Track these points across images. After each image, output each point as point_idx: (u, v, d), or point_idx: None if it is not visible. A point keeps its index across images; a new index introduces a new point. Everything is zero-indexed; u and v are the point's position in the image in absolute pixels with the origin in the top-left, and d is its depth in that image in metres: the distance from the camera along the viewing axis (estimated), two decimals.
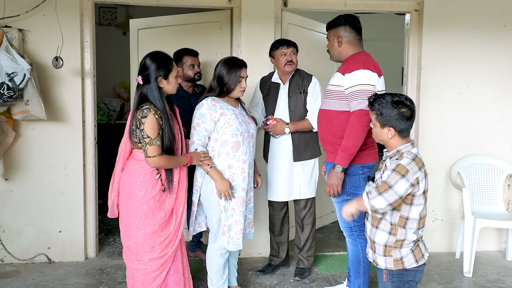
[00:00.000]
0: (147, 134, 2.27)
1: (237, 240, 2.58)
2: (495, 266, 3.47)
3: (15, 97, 2.96)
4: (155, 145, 2.28)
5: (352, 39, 2.65)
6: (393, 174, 1.95)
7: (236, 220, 2.57)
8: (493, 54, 3.65)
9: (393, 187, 1.93)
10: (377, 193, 1.94)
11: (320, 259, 3.53)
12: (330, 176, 2.58)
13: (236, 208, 2.57)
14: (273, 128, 3.01)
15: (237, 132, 2.56)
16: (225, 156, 2.57)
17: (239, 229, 2.57)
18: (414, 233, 2.03)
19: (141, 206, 2.35)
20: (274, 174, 3.12)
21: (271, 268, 3.31)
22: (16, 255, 3.38)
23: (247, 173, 2.62)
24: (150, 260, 2.39)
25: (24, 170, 3.35)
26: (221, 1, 3.51)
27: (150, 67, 2.36)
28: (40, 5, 3.24)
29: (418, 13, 3.68)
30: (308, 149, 3.08)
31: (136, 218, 2.37)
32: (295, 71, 3.11)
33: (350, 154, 2.50)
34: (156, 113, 2.30)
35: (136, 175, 2.36)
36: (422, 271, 2.10)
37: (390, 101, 2.03)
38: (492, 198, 3.58)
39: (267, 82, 3.18)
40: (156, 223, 2.37)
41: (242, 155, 2.59)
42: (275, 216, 3.26)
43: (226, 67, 2.58)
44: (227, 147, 2.56)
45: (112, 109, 5.94)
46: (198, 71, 3.33)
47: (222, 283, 2.69)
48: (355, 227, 2.68)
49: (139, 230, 2.37)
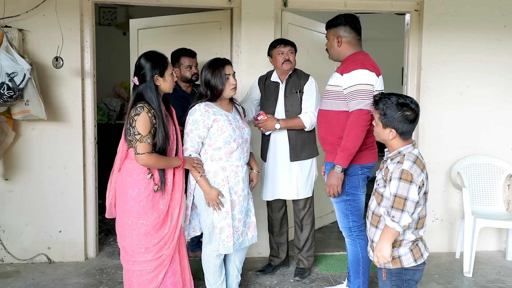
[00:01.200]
0: (138, 131, 2.26)
1: (228, 243, 2.54)
2: (495, 266, 3.47)
3: (15, 97, 2.97)
4: (145, 143, 2.26)
5: (352, 39, 2.64)
6: (402, 183, 1.93)
7: (228, 223, 2.54)
8: (493, 54, 3.65)
9: (408, 197, 1.92)
10: (400, 212, 1.92)
11: (320, 259, 3.53)
12: (330, 177, 2.57)
13: (229, 211, 2.54)
14: (263, 124, 2.99)
15: (230, 139, 2.53)
16: (218, 160, 2.55)
17: (230, 233, 2.54)
18: (413, 233, 2.03)
19: (134, 206, 2.34)
20: (271, 173, 3.12)
21: (271, 268, 3.31)
22: (16, 255, 3.38)
23: (241, 177, 2.60)
24: (145, 262, 2.36)
25: (24, 170, 3.35)
26: (221, 1, 3.51)
27: (145, 66, 2.35)
28: (40, 5, 3.24)
29: (418, 13, 3.68)
30: (305, 149, 3.08)
31: (130, 218, 2.35)
32: (292, 71, 3.10)
33: (350, 154, 2.50)
34: (150, 112, 2.29)
35: (129, 174, 2.35)
36: (422, 270, 2.09)
37: (395, 102, 2.01)
38: (492, 198, 3.58)
39: (266, 81, 3.17)
40: (149, 224, 2.34)
41: (235, 161, 2.58)
42: (274, 217, 3.26)
43: (209, 70, 2.57)
44: (220, 152, 2.54)
45: (112, 109, 5.94)
46: (195, 72, 3.33)
47: (220, 284, 2.68)
48: (354, 227, 2.68)
49: (132, 230, 2.35)
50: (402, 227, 1.94)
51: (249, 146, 2.72)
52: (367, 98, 2.45)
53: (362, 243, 2.68)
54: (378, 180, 2.12)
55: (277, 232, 3.28)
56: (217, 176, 2.54)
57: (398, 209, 1.93)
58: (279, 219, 3.26)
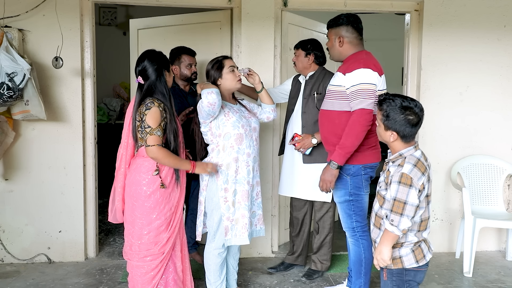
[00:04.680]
0: (148, 124, 2.30)
1: (243, 234, 2.58)
2: (495, 266, 3.47)
3: (15, 97, 2.96)
4: (155, 135, 2.30)
5: (354, 39, 2.63)
6: (401, 187, 1.92)
7: (243, 214, 2.59)
8: (493, 54, 3.65)
9: (408, 202, 1.91)
10: (399, 216, 1.92)
11: None
12: (325, 172, 2.57)
13: (242, 202, 2.59)
14: (301, 144, 2.96)
15: (238, 124, 2.58)
16: (230, 150, 2.58)
17: (245, 223, 2.58)
18: (415, 235, 2.02)
19: (148, 201, 2.36)
20: (287, 169, 3.15)
21: (283, 266, 3.30)
22: (16, 255, 3.38)
23: (251, 166, 2.63)
24: (151, 256, 2.39)
25: (24, 170, 3.35)
26: (221, 1, 3.51)
27: (152, 65, 2.40)
28: (40, 5, 3.24)
29: (418, 13, 3.68)
30: (322, 152, 2.96)
31: (143, 214, 2.38)
32: (317, 71, 3.10)
33: (347, 153, 2.49)
34: (160, 106, 2.33)
35: (145, 172, 2.37)
36: (424, 272, 2.08)
37: (399, 105, 1.98)
38: (492, 198, 3.58)
39: (296, 78, 3.23)
40: (162, 217, 2.39)
41: (246, 148, 2.61)
42: (294, 215, 3.26)
43: (210, 64, 2.70)
44: (230, 140, 2.57)
45: (112, 109, 5.94)
46: (195, 71, 3.33)
47: (220, 283, 2.69)
48: (357, 228, 2.67)
49: (144, 226, 2.39)
50: (401, 231, 1.94)
51: (258, 136, 2.74)
52: (370, 98, 2.44)
53: (365, 243, 2.67)
54: (380, 182, 2.11)
55: (297, 231, 3.27)
56: (229, 168, 2.57)
57: (397, 213, 1.93)
58: (299, 218, 3.25)
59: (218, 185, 2.57)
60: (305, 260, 3.35)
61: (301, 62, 3.10)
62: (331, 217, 3.16)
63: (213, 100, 2.44)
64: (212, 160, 2.59)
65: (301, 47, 3.10)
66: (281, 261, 3.36)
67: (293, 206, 3.28)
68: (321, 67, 3.15)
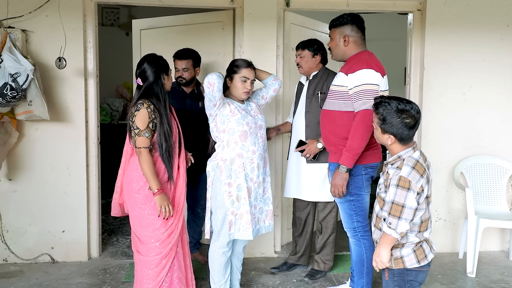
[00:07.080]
0: (137, 125, 2.37)
1: (247, 230, 2.60)
2: (498, 266, 3.46)
3: (18, 97, 2.98)
4: (143, 137, 2.36)
5: (358, 38, 2.63)
6: (399, 191, 1.92)
7: (247, 209, 2.60)
8: (496, 53, 3.64)
9: (406, 205, 1.91)
10: (396, 219, 1.92)
11: None
12: (335, 177, 2.56)
13: (246, 198, 2.60)
14: (307, 150, 2.96)
15: (243, 122, 2.59)
16: (234, 145, 2.59)
17: (249, 219, 2.59)
18: (416, 235, 2.02)
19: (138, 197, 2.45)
20: (291, 171, 3.16)
21: (286, 266, 3.30)
22: (19, 255, 3.39)
23: (256, 163, 2.63)
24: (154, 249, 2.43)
25: (27, 170, 3.36)
26: (224, 1, 3.51)
27: (150, 68, 2.46)
28: (43, 6, 3.25)
29: (421, 13, 3.67)
30: (324, 153, 2.98)
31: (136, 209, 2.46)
32: (320, 71, 3.11)
33: (355, 154, 2.49)
34: (149, 107, 2.39)
35: (134, 169, 2.46)
36: (425, 272, 2.07)
37: (395, 108, 1.97)
38: (495, 198, 3.56)
39: (299, 82, 3.25)
40: (154, 212, 2.42)
41: (251, 146, 2.61)
42: (297, 215, 3.27)
43: (233, 61, 2.71)
44: (234, 136, 2.58)
45: (115, 109, 5.95)
46: (180, 75, 3.22)
47: (224, 282, 2.70)
48: (358, 228, 2.67)
49: (140, 221, 2.45)
50: (399, 234, 1.94)
51: (264, 133, 2.74)
52: (373, 98, 2.44)
53: (366, 243, 2.67)
54: (380, 184, 2.11)
55: (299, 231, 3.27)
56: (233, 163, 2.58)
57: (395, 216, 1.93)
58: (302, 218, 3.25)
59: (222, 180, 2.58)
60: (308, 260, 3.35)
61: (307, 62, 3.10)
62: (334, 217, 3.16)
63: (212, 81, 2.46)
64: (217, 156, 2.61)
65: (308, 48, 3.09)
66: (284, 261, 3.36)
67: (296, 206, 3.28)
68: (324, 66, 3.15)
